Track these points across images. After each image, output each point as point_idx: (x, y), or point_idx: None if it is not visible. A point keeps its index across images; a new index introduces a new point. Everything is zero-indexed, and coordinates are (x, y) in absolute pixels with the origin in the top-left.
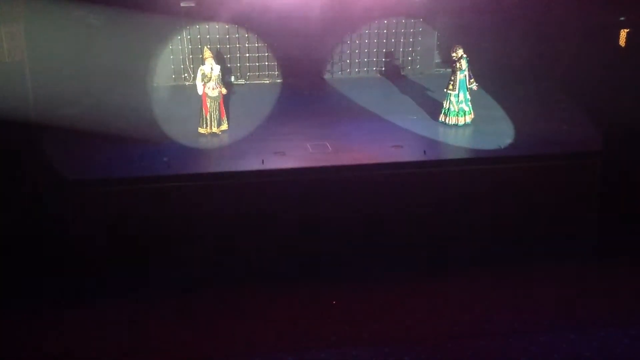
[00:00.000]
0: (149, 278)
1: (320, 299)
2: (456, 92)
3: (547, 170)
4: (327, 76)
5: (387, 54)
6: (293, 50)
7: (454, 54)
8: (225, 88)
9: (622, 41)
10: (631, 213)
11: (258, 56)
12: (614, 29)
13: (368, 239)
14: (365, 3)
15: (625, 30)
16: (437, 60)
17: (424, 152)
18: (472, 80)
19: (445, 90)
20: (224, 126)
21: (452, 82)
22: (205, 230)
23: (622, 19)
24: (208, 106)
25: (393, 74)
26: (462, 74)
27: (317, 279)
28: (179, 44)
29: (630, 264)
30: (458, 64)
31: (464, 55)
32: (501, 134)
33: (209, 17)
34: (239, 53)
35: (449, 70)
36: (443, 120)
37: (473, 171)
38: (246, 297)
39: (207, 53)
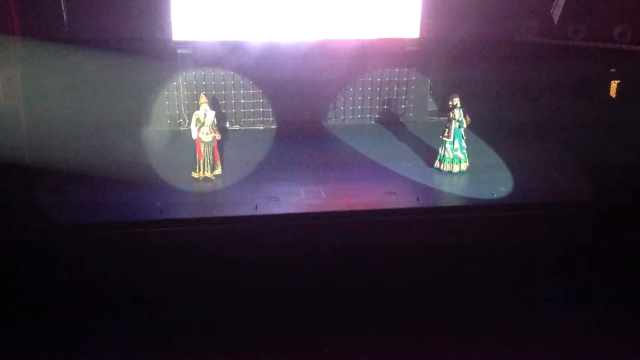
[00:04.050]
0: (140, 323)
1: (313, 346)
2: (451, 139)
3: (539, 219)
4: (322, 123)
5: (382, 102)
6: (288, 98)
7: (450, 102)
8: (220, 133)
9: (612, 92)
10: (624, 262)
11: (253, 102)
12: (605, 80)
13: (361, 285)
14: (360, 51)
15: (616, 82)
16: (431, 108)
17: (417, 199)
18: (465, 116)
19: (440, 137)
20: (218, 171)
21: (447, 130)
22: (197, 276)
23: (612, 70)
24: (202, 151)
25: (388, 121)
26: (457, 122)
27: (311, 326)
28: (175, 89)
29: (624, 313)
30: (451, 113)
31: (458, 105)
32: (494, 182)
33: (206, 64)
34: (234, 99)
35: (443, 118)
36: (438, 166)
37: (465, 218)
38: (238, 345)
39: (203, 99)
